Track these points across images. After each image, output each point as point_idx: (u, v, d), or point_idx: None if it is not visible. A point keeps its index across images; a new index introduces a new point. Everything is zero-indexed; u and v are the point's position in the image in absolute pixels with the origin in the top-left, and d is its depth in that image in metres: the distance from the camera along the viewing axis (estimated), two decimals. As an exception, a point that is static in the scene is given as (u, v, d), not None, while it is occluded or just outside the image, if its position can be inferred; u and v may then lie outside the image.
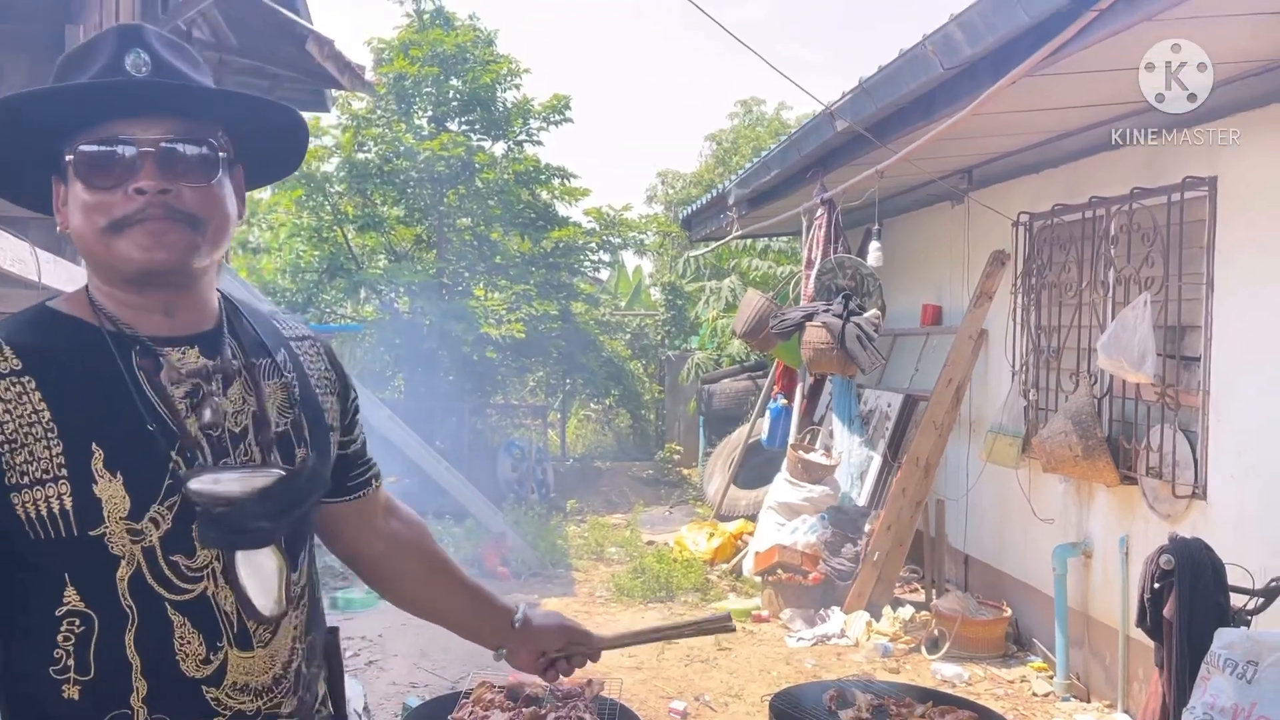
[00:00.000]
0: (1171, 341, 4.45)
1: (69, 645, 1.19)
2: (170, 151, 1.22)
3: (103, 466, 1.18)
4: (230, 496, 1.23)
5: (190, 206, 1.23)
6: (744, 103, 16.85)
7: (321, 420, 1.41)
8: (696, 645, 5.64)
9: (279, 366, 1.38)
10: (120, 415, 1.21)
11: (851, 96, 4.97)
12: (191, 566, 1.23)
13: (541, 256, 10.95)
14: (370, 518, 1.60)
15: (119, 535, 1.19)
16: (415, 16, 10.70)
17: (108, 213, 1.20)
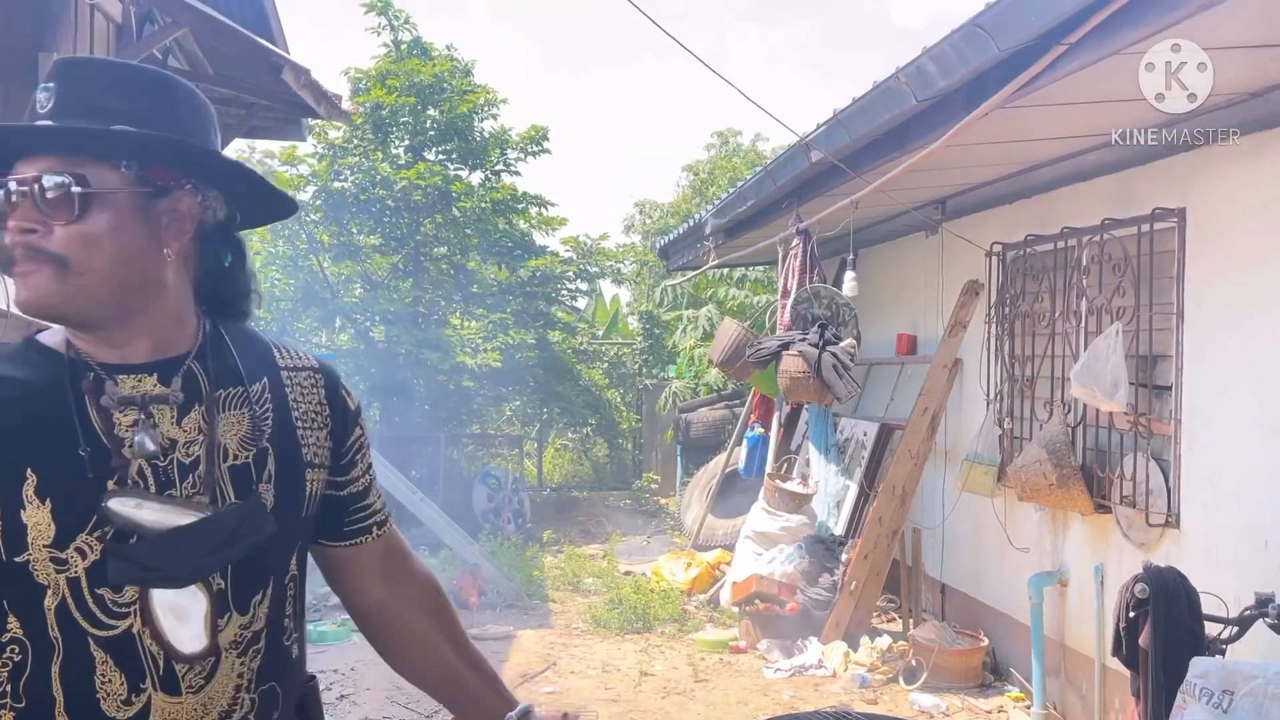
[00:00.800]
0: (1143, 370, 4.48)
1: (5, 671, 1.18)
2: (36, 189, 1.18)
3: (33, 493, 1.16)
4: (146, 526, 1.18)
5: (57, 246, 1.18)
6: (720, 134, 17.00)
7: (296, 456, 1.34)
8: (674, 677, 5.60)
9: (250, 397, 1.32)
10: (59, 442, 1.18)
11: (826, 128, 5.01)
12: (117, 601, 1.19)
13: (518, 285, 10.95)
14: (368, 567, 1.51)
15: (43, 563, 1.16)
16: (392, 46, 10.73)
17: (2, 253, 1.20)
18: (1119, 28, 2.91)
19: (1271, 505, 3.71)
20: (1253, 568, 3.73)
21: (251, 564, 1.28)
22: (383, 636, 1.55)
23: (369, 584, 1.51)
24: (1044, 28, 3.10)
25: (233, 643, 1.26)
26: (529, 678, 5.60)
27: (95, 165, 1.21)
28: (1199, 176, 4.12)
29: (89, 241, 1.20)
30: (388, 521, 1.53)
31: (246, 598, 1.28)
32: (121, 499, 1.18)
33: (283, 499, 1.32)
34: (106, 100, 1.23)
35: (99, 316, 1.23)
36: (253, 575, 1.29)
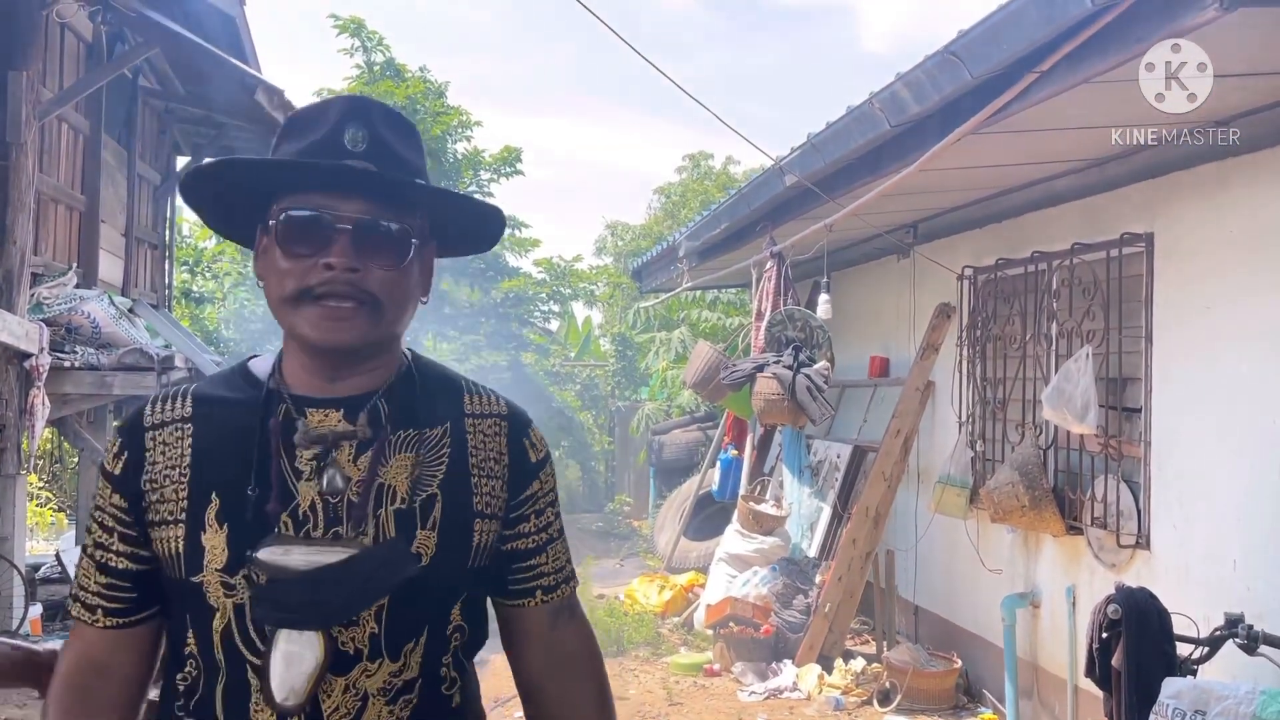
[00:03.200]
0: (1113, 393, 4.54)
1: (183, 685, 1.24)
2: (365, 230, 1.21)
3: (214, 516, 1.21)
4: (295, 570, 1.19)
5: (375, 288, 1.22)
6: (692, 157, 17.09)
7: (466, 504, 1.30)
8: (648, 701, 5.57)
9: (423, 440, 1.29)
10: (244, 470, 1.22)
11: (800, 152, 5.06)
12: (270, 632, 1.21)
13: (491, 307, 10.94)
14: (532, 632, 1.43)
15: (214, 586, 1.20)
16: (365, 68, 10.74)
17: (295, 281, 1.21)
18: (1088, 57, 2.96)
19: (1240, 526, 3.76)
20: (1222, 588, 3.77)
21: (406, 610, 1.25)
22: (534, 707, 1.47)
23: (531, 655, 1.44)
24: (1016, 56, 3.16)
25: (381, 690, 1.23)
26: (501, 702, 5.55)
27: (408, 214, 1.26)
28: (1166, 202, 4.19)
29: (400, 287, 1.26)
30: (558, 589, 1.44)
31: (399, 644, 1.25)
32: (271, 549, 1.19)
33: (445, 547, 1.27)
34: (401, 149, 1.27)
35: (370, 355, 1.28)
36: (408, 622, 1.26)
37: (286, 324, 1.25)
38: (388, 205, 1.23)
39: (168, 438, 1.25)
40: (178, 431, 1.25)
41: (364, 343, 1.24)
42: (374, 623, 1.23)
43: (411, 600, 1.25)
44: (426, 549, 1.26)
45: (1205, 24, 2.58)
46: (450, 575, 1.30)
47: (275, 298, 1.24)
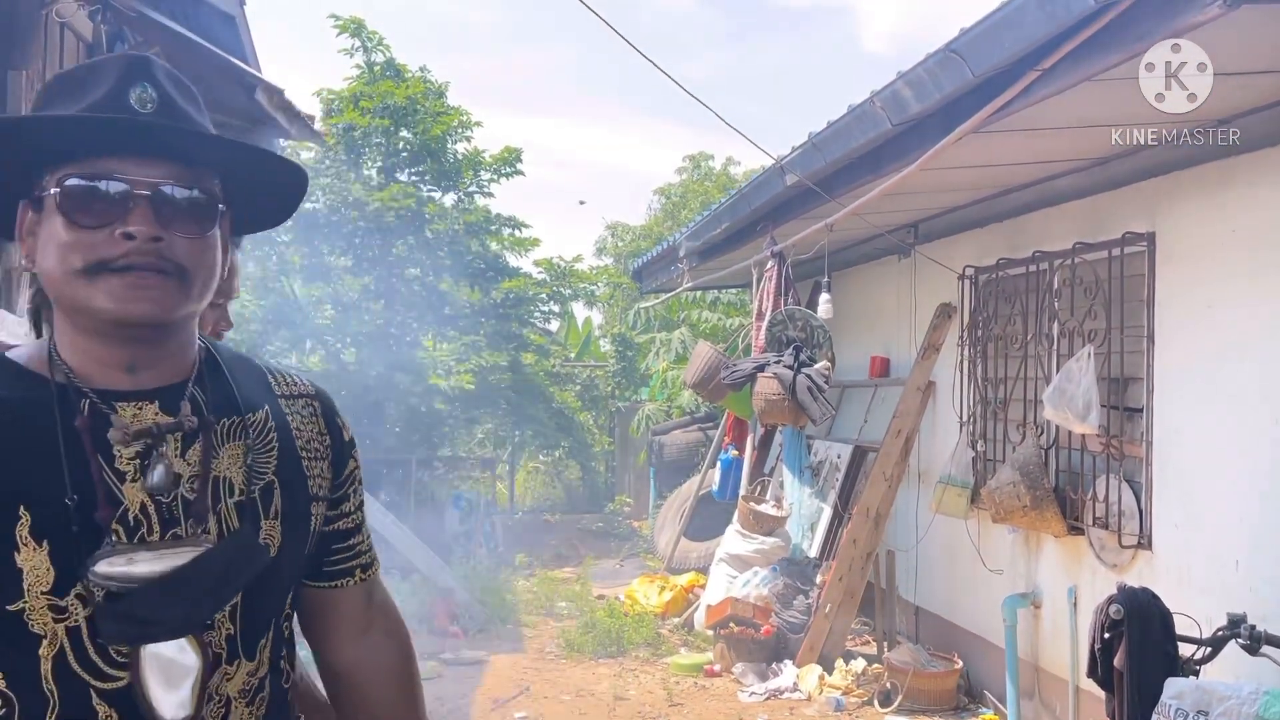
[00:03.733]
0: (1115, 393, 4.53)
1: None
2: (167, 196, 1.11)
3: (27, 534, 1.06)
4: (142, 578, 1.09)
5: (181, 257, 1.12)
6: (692, 158, 17.09)
7: (303, 489, 1.26)
8: (648, 702, 5.56)
9: (249, 427, 1.22)
10: (53, 478, 1.09)
11: (801, 151, 5.05)
12: (123, 651, 1.09)
13: (491, 307, 10.91)
14: (347, 616, 1.39)
15: (40, 611, 1.06)
16: (366, 68, 10.70)
17: (88, 254, 1.09)
18: (1090, 55, 2.95)
19: (1242, 525, 3.75)
20: (1224, 588, 3.76)
21: (257, 605, 1.20)
22: (344, 700, 1.41)
23: (344, 639, 1.39)
24: (1018, 54, 3.15)
25: (241, 691, 1.18)
26: (501, 703, 5.54)
27: (207, 179, 1.16)
28: (1168, 201, 4.18)
29: (206, 256, 1.16)
30: (373, 566, 1.41)
31: (254, 643, 1.20)
32: (110, 560, 1.08)
33: (289, 535, 1.23)
34: (192, 110, 1.17)
35: (174, 332, 1.18)
36: (259, 618, 1.21)
37: (77, 301, 1.10)
38: (187, 169, 1.13)
39: None
40: None
41: (172, 317, 1.13)
42: (230, 623, 1.17)
43: (262, 594, 1.20)
44: (273, 539, 1.20)
45: (1207, 22, 2.57)
46: (294, 564, 1.26)
47: (60, 274, 1.10)
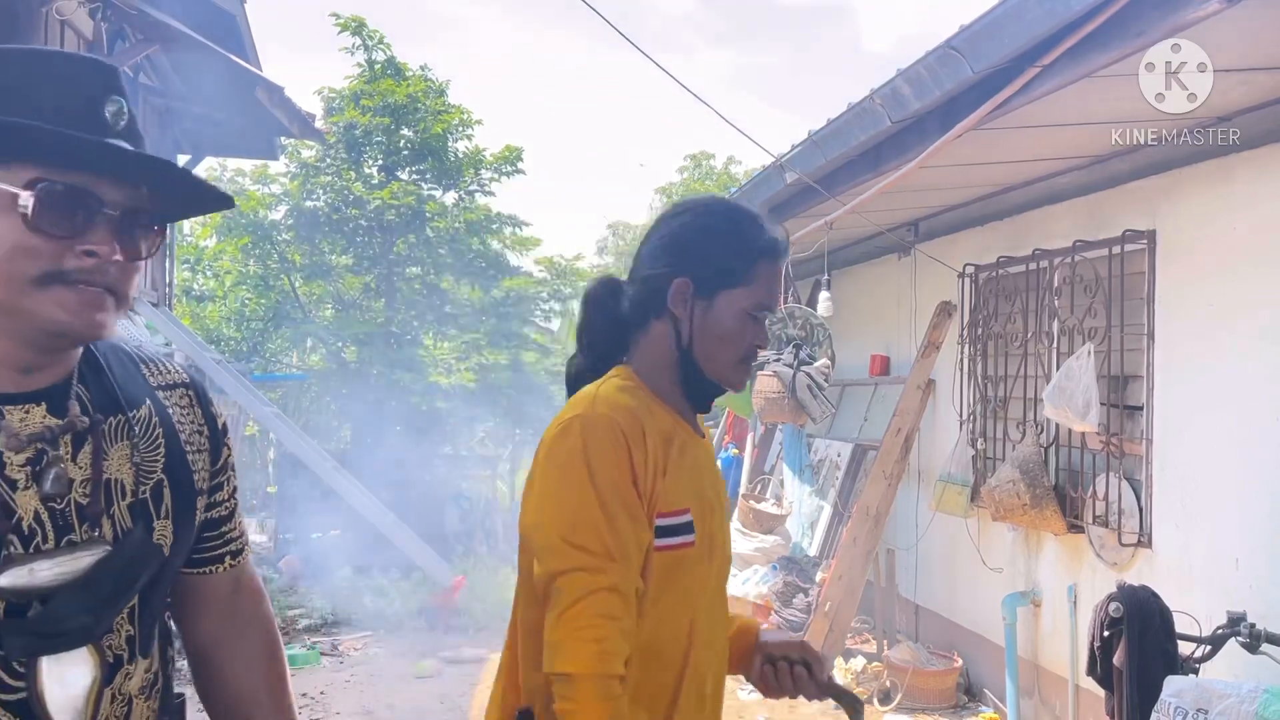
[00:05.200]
0: (1115, 391, 4.52)
1: None
2: (128, 220, 1.11)
3: None
4: (50, 588, 1.06)
5: (122, 281, 1.11)
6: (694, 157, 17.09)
7: (190, 485, 1.24)
8: (648, 699, 5.56)
9: (133, 424, 1.19)
10: None
11: (801, 149, 5.04)
12: (21, 662, 1.07)
13: (492, 306, 10.91)
14: (213, 600, 1.37)
15: None
16: (366, 66, 10.71)
17: (45, 263, 1.06)
18: (1090, 51, 2.95)
19: (1242, 524, 3.74)
20: (1224, 586, 3.75)
21: (151, 604, 1.20)
22: (206, 678, 1.40)
23: (209, 622, 1.38)
24: (1017, 50, 3.14)
25: (141, 688, 1.19)
26: (501, 701, 5.54)
27: (159, 202, 1.16)
28: (1168, 199, 4.17)
29: (137, 277, 1.16)
30: (243, 552, 1.40)
31: (149, 641, 1.21)
32: (13, 572, 1.05)
33: (180, 532, 1.22)
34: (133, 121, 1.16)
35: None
36: (152, 616, 1.21)
37: (16, 305, 1.06)
38: (147, 194, 1.13)
39: None
40: None
41: (107, 335, 1.12)
42: (129, 625, 1.16)
43: (156, 594, 1.21)
44: (165, 538, 1.19)
45: (1208, 17, 2.56)
46: (181, 559, 1.26)
47: (4, 274, 1.05)
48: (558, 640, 1.41)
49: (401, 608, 7.31)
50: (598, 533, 1.44)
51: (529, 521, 1.53)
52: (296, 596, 7.69)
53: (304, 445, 8.13)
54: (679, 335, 1.61)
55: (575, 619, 1.41)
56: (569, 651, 1.40)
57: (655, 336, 1.64)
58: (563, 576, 1.44)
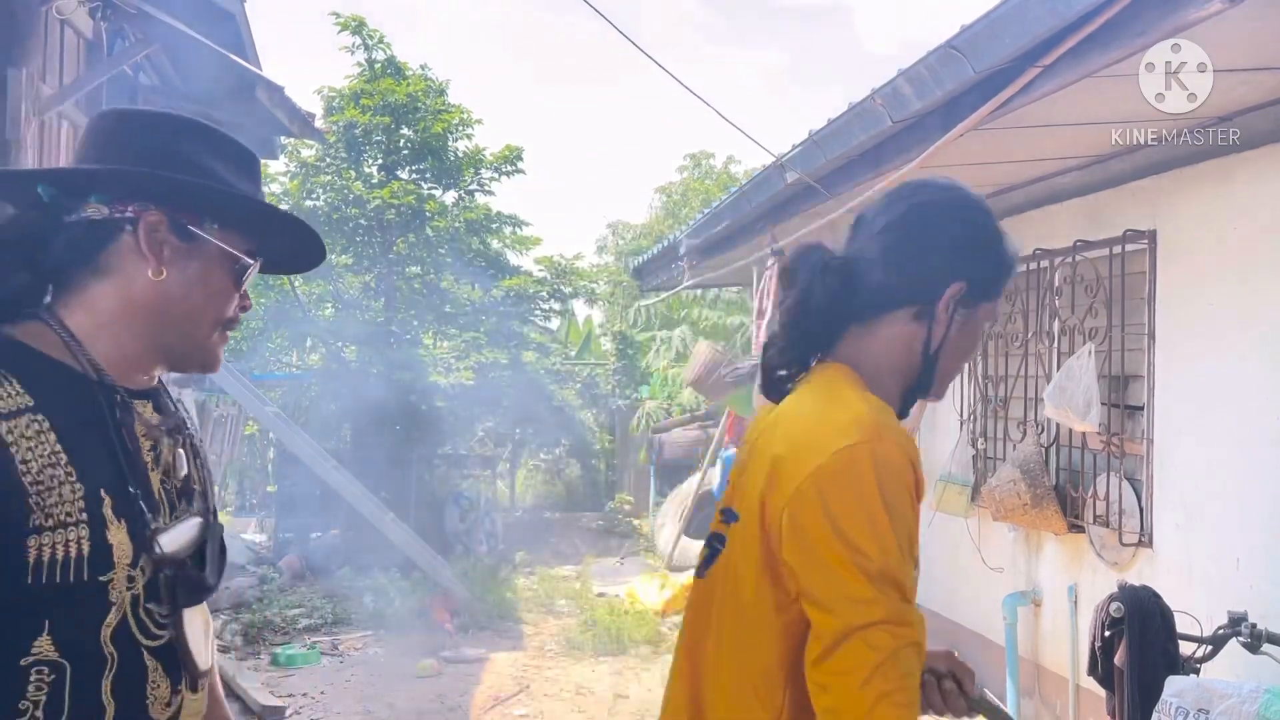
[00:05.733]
0: (1116, 391, 4.52)
1: (40, 696, 1.16)
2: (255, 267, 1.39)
3: (111, 513, 1.20)
4: (188, 553, 1.30)
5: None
6: (693, 156, 17.08)
7: (213, 481, 1.49)
8: (648, 700, 5.55)
9: (189, 426, 1.43)
10: (113, 465, 1.24)
11: (802, 148, 5.03)
12: (162, 614, 1.27)
13: (492, 305, 10.90)
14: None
15: (120, 581, 1.21)
16: (366, 66, 10.70)
17: (228, 309, 1.35)
18: (1092, 51, 2.94)
19: (1243, 523, 3.74)
20: (1225, 586, 3.75)
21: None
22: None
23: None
24: (1019, 50, 3.13)
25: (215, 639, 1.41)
26: (501, 700, 5.54)
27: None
28: (1169, 199, 4.17)
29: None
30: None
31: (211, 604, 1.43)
32: (167, 535, 1.27)
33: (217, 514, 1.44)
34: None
35: None
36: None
37: (201, 338, 1.33)
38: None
39: (25, 431, 1.16)
40: (35, 424, 1.17)
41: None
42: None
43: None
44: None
45: (1210, 17, 2.55)
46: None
47: (202, 316, 1.32)
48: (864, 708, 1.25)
49: (401, 607, 7.31)
50: (899, 584, 1.30)
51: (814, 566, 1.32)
52: (296, 596, 7.69)
53: (303, 444, 8.13)
54: (929, 340, 1.47)
55: (882, 682, 1.25)
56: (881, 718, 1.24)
57: (897, 336, 1.47)
58: (866, 631, 1.27)
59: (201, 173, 1.32)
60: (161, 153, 1.30)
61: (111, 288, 1.27)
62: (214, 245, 1.31)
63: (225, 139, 1.37)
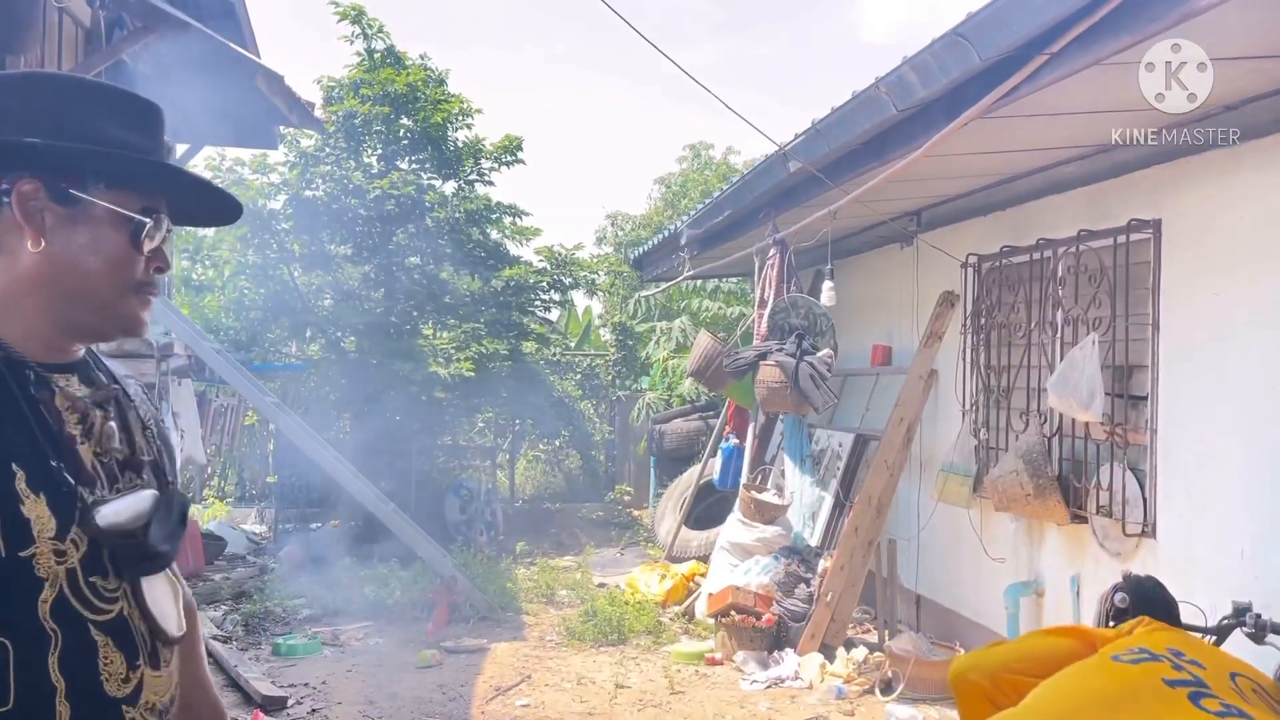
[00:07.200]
0: (1119, 381, 4.51)
1: None
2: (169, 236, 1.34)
3: (25, 486, 1.16)
4: (133, 523, 1.24)
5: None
6: (693, 147, 17.01)
7: (172, 454, 1.47)
8: (649, 690, 5.55)
9: (131, 398, 1.40)
10: (27, 439, 1.20)
11: (805, 137, 5.01)
12: (108, 587, 1.23)
13: (492, 295, 10.87)
14: None
15: (46, 556, 1.17)
16: (366, 55, 10.65)
17: (137, 273, 1.29)
18: (1100, 37, 2.92)
19: (1247, 514, 3.73)
20: (1229, 577, 3.75)
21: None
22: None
23: None
24: (1026, 37, 3.12)
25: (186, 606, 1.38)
26: (503, 690, 5.53)
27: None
28: (1174, 188, 4.15)
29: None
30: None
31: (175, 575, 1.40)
32: (106, 508, 1.22)
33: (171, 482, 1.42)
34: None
35: None
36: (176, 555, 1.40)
37: (110, 306, 1.28)
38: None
39: None
40: None
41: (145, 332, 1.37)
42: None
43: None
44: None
45: (1219, 4, 2.54)
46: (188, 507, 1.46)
47: (107, 283, 1.27)
48: None
49: (402, 597, 7.30)
50: None
51: None
52: (297, 586, 7.68)
53: (303, 435, 8.11)
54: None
55: None
56: None
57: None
58: None
59: (83, 133, 1.26)
60: (33, 116, 1.25)
61: (1, 265, 1.24)
62: (100, 207, 1.25)
63: (115, 93, 1.32)
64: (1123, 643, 1.65)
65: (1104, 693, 1.56)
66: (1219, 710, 1.53)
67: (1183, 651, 1.60)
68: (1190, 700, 1.56)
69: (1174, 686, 1.55)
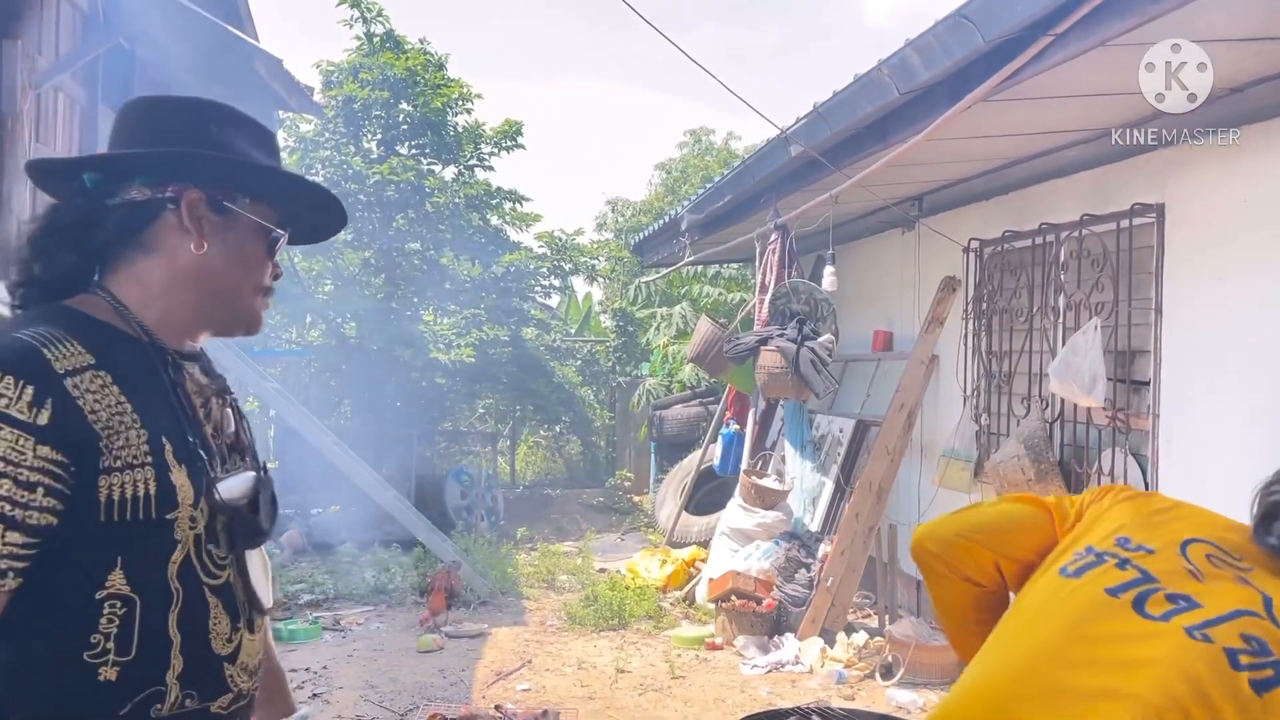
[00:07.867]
0: (1122, 366, 4.49)
1: (112, 628, 1.26)
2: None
3: (173, 458, 1.32)
4: (244, 501, 1.41)
5: None
6: (693, 132, 16.98)
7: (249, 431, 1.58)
8: (650, 675, 5.56)
9: (230, 391, 1.53)
10: (172, 416, 1.36)
11: (806, 121, 4.99)
12: (220, 556, 1.38)
13: (492, 281, 10.86)
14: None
15: (184, 521, 1.32)
16: (365, 40, 10.61)
17: (266, 276, 1.48)
18: (1105, 19, 2.90)
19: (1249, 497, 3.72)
20: (1231, 561, 3.74)
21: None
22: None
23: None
24: (1031, 18, 3.09)
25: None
26: (504, 675, 5.54)
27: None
28: (1178, 172, 4.13)
29: None
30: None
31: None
32: (226, 483, 1.38)
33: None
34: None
35: None
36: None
37: (243, 304, 1.46)
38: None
39: (90, 385, 1.27)
40: (98, 379, 1.28)
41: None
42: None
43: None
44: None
45: (1225, -16, 2.52)
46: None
47: (245, 284, 1.45)
48: None
49: (403, 582, 7.31)
50: None
51: None
52: (298, 571, 7.69)
53: (304, 420, 8.11)
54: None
55: None
56: None
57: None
58: None
59: (231, 151, 1.42)
60: (193, 134, 1.41)
61: (158, 262, 1.38)
62: (247, 218, 1.43)
63: (246, 119, 1.48)
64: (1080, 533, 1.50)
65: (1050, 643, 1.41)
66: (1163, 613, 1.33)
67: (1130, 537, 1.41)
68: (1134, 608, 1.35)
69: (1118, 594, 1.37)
